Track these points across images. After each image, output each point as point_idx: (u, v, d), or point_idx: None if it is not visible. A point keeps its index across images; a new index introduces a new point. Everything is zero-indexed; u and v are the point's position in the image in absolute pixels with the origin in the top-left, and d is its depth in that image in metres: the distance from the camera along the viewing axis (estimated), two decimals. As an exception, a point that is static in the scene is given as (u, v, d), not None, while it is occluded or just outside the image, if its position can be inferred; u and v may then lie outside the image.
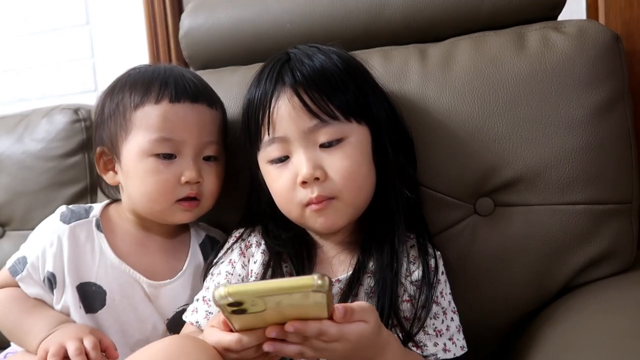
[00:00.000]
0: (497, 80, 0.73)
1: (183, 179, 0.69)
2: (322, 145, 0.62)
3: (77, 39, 1.40)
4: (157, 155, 0.68)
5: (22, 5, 1.44)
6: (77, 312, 0.71)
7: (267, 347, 0.48)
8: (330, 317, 0.47)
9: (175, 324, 0.72)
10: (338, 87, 0.63)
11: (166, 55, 1.27)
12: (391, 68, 0.78)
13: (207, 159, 0.72)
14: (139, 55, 1.31)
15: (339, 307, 0.47)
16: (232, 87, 0.84)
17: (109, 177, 0.75)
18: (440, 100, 0.74)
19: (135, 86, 0.71)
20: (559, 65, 0.71)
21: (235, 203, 0.76)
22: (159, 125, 0.68)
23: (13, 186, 1.03)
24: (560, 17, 0.81)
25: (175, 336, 0.53)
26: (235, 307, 0.44)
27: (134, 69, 0.75)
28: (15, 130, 1.06)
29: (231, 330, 0.50)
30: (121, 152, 0.71)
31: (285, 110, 0.62)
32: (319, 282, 0.42)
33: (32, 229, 0.78)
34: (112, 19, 1.35)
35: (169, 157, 0.69)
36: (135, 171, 0.69)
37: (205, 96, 0.72)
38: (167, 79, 0.70)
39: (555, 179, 0.70)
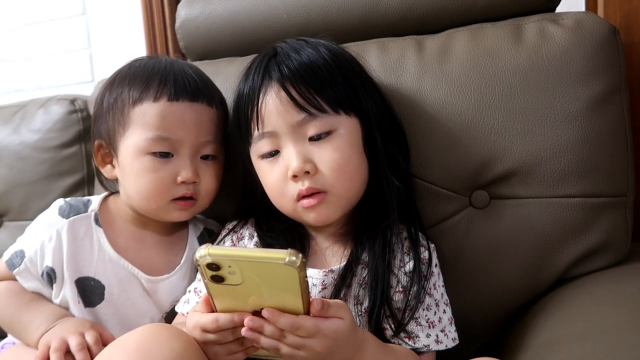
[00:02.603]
0: (493, 73, 0.72)
1: (179, 179, 0.68)
2: (312, 139, 0.62)
3: (74, 30, 1.39)
4: (154, 154, 0.68)
5: (17, -5, 1.43)
6: (75, 306, 0.71)
7: (244, 331, 0.48)
8: (307, 314, 0.48)
9: (173, 317, 0.72)
10: (326, 80, 0.63)
11: (163, 46, 1.26)
12: (388, 60, 0.78)
13: (205, 157, 0.72)
14: (136, 45, 1.31)
15: (317, 299, 0.48)
16: (228, 78, 0.84)
17: (106, 171, 0.74)
18: (437, 92, 0.74)
19: (134, 81, 0.70)
20: (555, 57, 0.71)
21: (232, 196, 0.76)
22: (156, 124, 0.67)
23: (10, 177, 1.03)
24: (560, 8, 0.80)
25: (150, 324, 0.53)
26: (214, 272, 0.46)
27: (135, 61, 0.74)
28: (11, 120, 1.06)
29: (212, 312, 0.51)
30: (118, 148, 0.70)
31: (273, 105, 0.62)
32: (293, 258, 0.43)
33: (29, 219, 0.78)
34: (109, 9, 1.35)
35: (165, 155, 0.68)
36: (132, 168, 0.69)
37: (205, 94, 0.71)
38: (167, 75, 0.69)
39: (550, 172, 0.70)
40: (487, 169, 0.72)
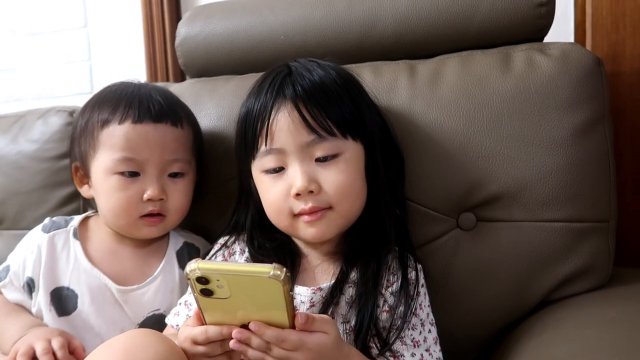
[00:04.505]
0: (482, 99, 0.75)
1: (145, 196, 0.72)
2: (318, 160, 0.64)
3: (75, 41, 1.41)
4: (122, 173, 0.72)
5: (21, 6, 1.45)
6: (48, 314, 0.74)
7: (232, 343, 0.51)
8: (293, 327, 0.50)
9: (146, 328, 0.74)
10: (335, 102, 0.65)
11: (163, 62, 1.27)
12: (381, 83, 0.80)
13: (173, 175, 0.75)
14: (135, 59, 1.32)
15: (301, 313, 0.50)
16: (225, 95, 0.86)
17: (84, 191, 0.79)
18: (427, 116, 0.76)
19: (103, 105, 0.74)
20: (542, 86, 0.73)
21: (222, 211, 0.78)
22: (122, 145, 0.71)
23: (6, 186, 1.03)
24: (550, 37, 0.83)
25: (137, 330, 0.56)
26: (203, 286, 0.48)
27: (107, 87, 0.78)
28: (10, 130, 1.07)
29: (202, 324, 0.53)
30: (91, 169, 0.75)
31: (285, 123, 0.64)
32: (277, 271, 0.46)
33: (25, 228, 0.80)
34: (110, 23, 1.36)
35: (133, 174, 0.72)
36: (102, 187, 0.73)
37: (169, 115, 0.74)
38: (133, 99, 0.73)
39: (535, 197, 0.72)
40: (475, 192, 0.74)
